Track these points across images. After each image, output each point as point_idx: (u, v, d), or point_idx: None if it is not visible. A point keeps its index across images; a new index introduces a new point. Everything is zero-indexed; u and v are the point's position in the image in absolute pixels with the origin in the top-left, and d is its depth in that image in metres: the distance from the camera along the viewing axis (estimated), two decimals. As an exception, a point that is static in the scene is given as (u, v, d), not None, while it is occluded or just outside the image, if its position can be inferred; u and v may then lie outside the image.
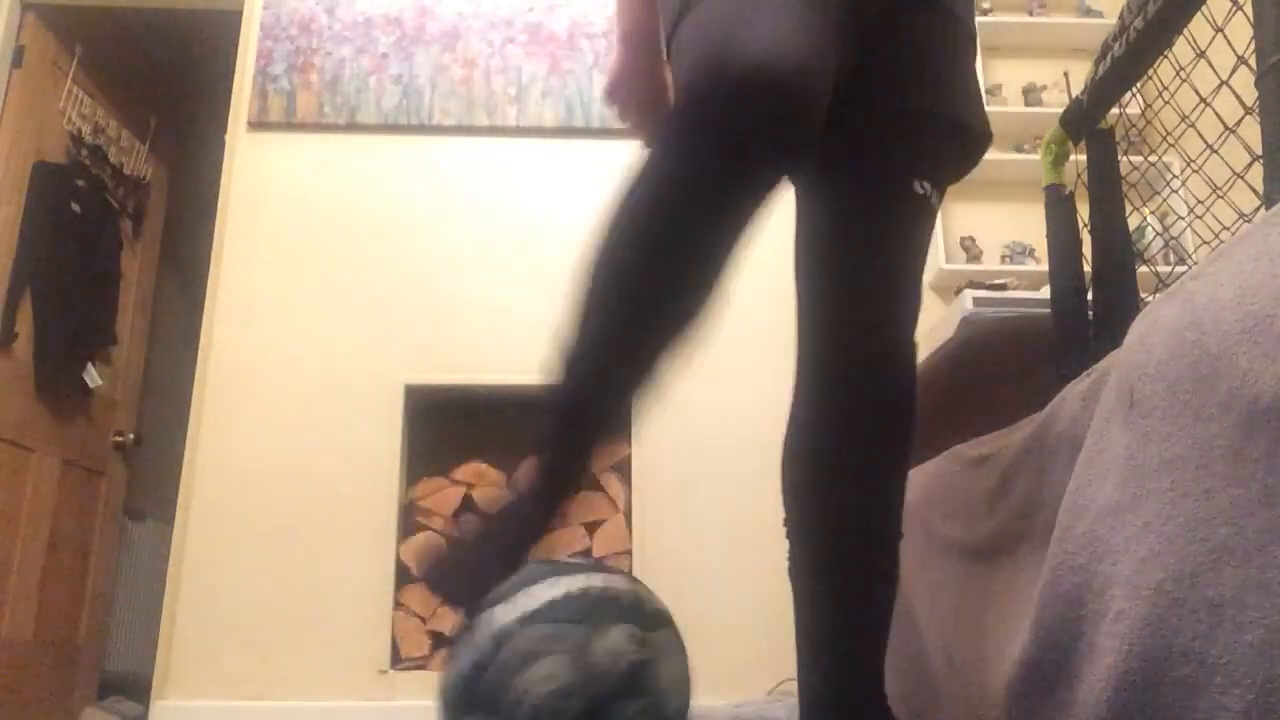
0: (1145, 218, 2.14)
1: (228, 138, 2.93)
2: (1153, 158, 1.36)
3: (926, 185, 1.12)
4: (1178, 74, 1.16)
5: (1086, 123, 1.37)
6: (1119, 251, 1.32)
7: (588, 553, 2.66)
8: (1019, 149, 3.31)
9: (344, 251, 2.82)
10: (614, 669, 0.88)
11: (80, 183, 3.20)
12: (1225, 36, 1.06)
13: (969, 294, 2.98)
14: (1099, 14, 3.43)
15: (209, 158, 3.09)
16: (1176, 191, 1.28)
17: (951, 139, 1.15)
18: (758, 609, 2.58)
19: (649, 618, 0.96)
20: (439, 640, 2.57)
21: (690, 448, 2.70)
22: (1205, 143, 1.10)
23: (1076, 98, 1.37)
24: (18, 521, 2.88)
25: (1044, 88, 3.35)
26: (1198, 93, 1.15)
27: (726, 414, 2.72)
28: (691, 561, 2.62)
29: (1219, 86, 1.08)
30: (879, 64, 1.11)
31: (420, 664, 2.54)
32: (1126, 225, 1.35)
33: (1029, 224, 3.24)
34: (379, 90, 2.94)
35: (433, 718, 0.91)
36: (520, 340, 2.70)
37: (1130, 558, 0.65)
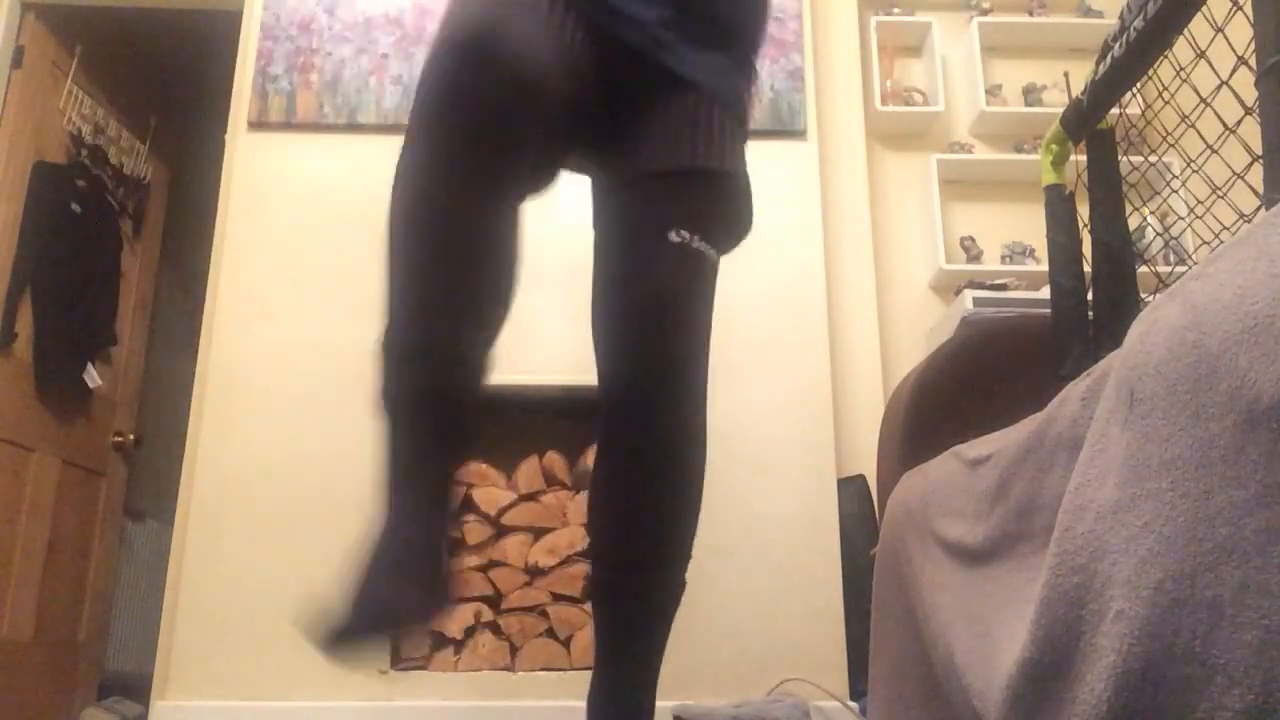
0: (1145, 218, 2.14)
1: (228, 138, 2.93)
2: (1153, 158, 1.36)
3: (684, 234, 1.19)
4: (1178, 74, 1.16)
5: (1086, 123, 1.37)
6: (1119, 251, 1.32)
7: (587, 553, 2.65)
8: (1019, 149, 3.32)
9: (344, 252, 2.82)
10: None
11: (80, 183, 3.21)
12: (1225, 36, 1.06)
13: (969, 294, 3.00)
14: (1099, 14, 3.43)
15: (209, 158, 3.09)
16: (1176, 192, 1.29)
17: (705, 188, 1.24)
18: (758, 609, 2.58)
19: None
20: (439, 640, 2.57)
21: (690, 448, 2.69)
22: (1205, 143, 1.10)
23: (1076, 98, 1.37)
24: (18, 521, 2.88)
25: (1044, 88, 3.36)
26: (1198, 93, 1.15)
27: (726, 415, 2.72)
28: (691, 563, 2.61)
29: (1219, 87, 1.08)
30: (639, 135, 1.23)
31: (420, 664, 2.54)
32: (1126, 225, 1.35)
33: (1029, 224, 3.25)
34: (379, 90, 2.94)
35: (432, 718, 0.92)
36: (520, 340, 2.70)
37: (1130, 558, 0.65)
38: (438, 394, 1.05)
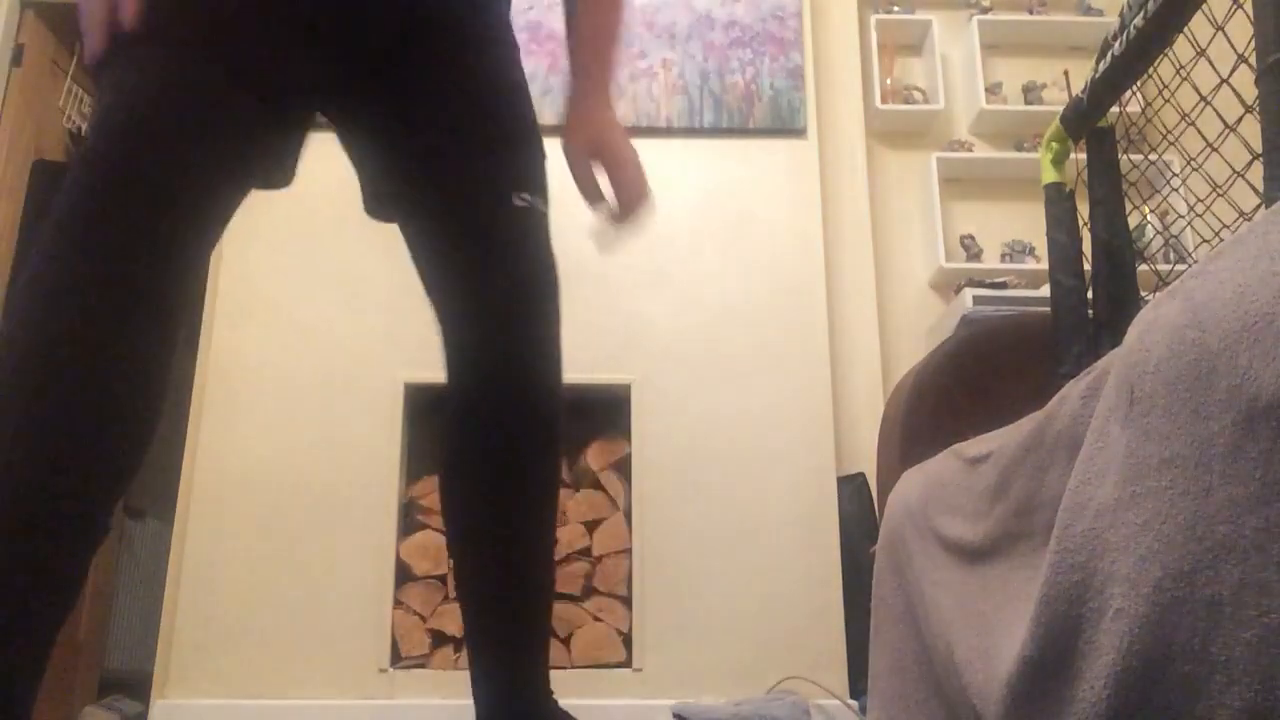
0: (1145, 216, 2.14)
1: (227, 136, 2.93)
2: (1153, 156, 1.36)
3: (526, 196, 1.10)
4: (1178, 72, 1.16)
5: (1086, 121, 1.37)
6: (1119, 250, 1.32)
7: (586, 551, 2.66)
8: (1019, 147, 3.32)
9: (344, 249, 2.82)
10: None
11: (80, 181, 3.21)
12: (1225, 35, 1.06)
13: (969, 292, 3.00)
14: (1099, 12, 3.43)
15: (209, 156, 3.09)
16: (1176, 190, 1.29)
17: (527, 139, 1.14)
18: (758, 609, 2.58)
19: None
20: (439, 639, 2.57)
21: (690, 448, 2.70)
22: (1205, 141, 1.10)
23: (1076, 96, 1.37)
24: (18, 520, 2.88)
25: (1044, 86, 3.36)
26: (1198, 91, 1.15)
27: (726, 414, 2.72)
28: (691, 561, 2.62)
29: (1219, 85, 1.08)
30: (428, 99, 1.15)
31: (420, 662, 2.54)
32: (1126, 224, 1.35)
33: (1029, 223, 3.25)
34: (379, 89, 2.93)
35: (432, 716, 0.90)
36: (520, 339, 2.70)
37: (1129, 556, 0.65)
38: None
